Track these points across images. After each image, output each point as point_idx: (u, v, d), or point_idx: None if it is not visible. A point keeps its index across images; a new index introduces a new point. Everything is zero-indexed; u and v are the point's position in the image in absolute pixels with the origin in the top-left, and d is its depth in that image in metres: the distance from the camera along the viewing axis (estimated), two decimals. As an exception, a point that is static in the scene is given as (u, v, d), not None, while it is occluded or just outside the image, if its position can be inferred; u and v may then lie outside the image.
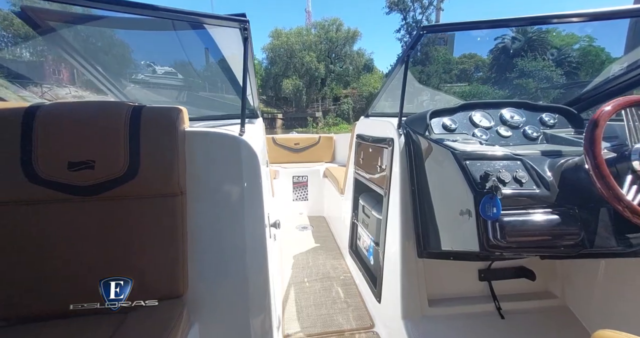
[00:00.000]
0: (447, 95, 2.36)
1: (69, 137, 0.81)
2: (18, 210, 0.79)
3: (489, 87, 23.42)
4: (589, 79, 1.49)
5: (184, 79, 1.89)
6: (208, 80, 1.78)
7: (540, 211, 0.86)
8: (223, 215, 0.96)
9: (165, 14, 0.93)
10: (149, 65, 1.97)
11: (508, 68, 28.42)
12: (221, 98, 1.79)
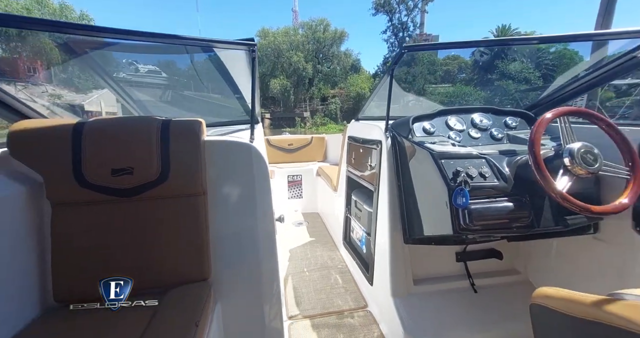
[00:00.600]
0: (428, 101, 2.56)
1: (111, 148, 0.95)
2: (70, 210, 0.93)
3: (472, 88, 24.22)
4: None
5: (194, 91, 2.02)
6: (214, 90, 1.91)
7: (500, 200, 1.07)
8: (238, 210, 1.12)
9: (187, 42, 1.08)
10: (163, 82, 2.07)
11: (489, 70, 29.43)
12: (225, 104, 1.93)
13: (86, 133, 0.94)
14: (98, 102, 22.65)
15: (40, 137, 0.92)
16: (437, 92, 25.80)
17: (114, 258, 0.95)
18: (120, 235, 0.96)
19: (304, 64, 31.45)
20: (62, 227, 0.93)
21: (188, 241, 1.01)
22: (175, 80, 1.91)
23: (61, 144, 0.92)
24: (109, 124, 1.00)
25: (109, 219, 0.96)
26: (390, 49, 36.39)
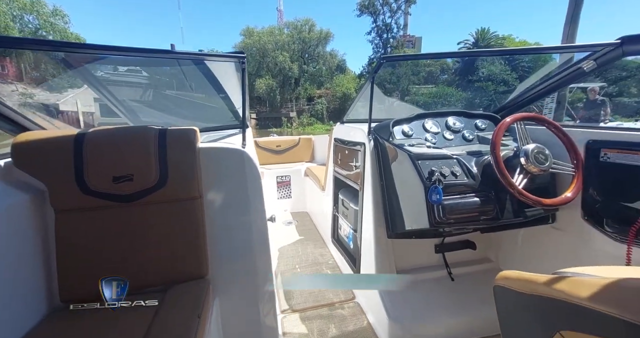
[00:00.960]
0: (411, 102, 2.69)
1: (112, 156, 1.01)
2: (73, 216, 0.98)
3: (454, 89, 24.94)
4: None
5: (183, 96, 2.06)
6: (205, 96, 1.97)
7: (469, 195, 1.21)
8: (232, 212, 1.20)
9: (179, 56, 1.16)
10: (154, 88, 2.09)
11: (470, 71, 30.36)
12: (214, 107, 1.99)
13: (87, 143, 1.00)
14: (74, 101, 21.79)
15: (43, 148, 0.97)
16: (421, 92, 26.39)
17: (116, 260, 1.02)
18: (122, 237, 1.03)
19: (289, 63, 31.40)
20: (66, 232, 0.98)
21: (186, 242, 1.09)
22: (159, 81, 1.95)
23: (63, 154, 0.98)
24: (108, 133, 1.06)
25: (110, 223, 1.02)
26: (375, 50, 36.87)
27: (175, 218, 1.08)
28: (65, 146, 0.98)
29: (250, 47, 31.60)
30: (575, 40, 5.93)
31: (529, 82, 1.62)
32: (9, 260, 0.86)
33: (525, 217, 1.21)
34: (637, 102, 15.92)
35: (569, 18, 5.79)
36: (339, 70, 34.41)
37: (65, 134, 1.01)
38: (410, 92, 29.50)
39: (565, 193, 1.07)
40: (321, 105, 31.15)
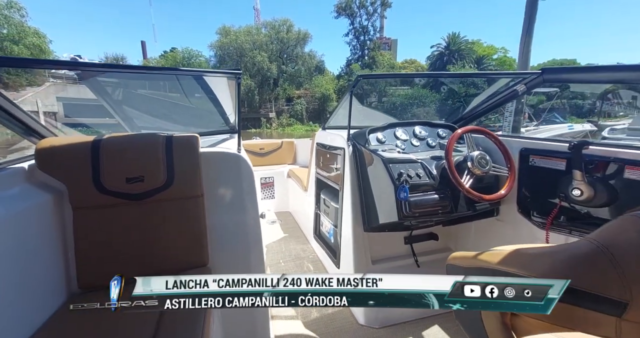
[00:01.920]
0: (382, 113, 2.93)
1: (125, 160, 1.15)
2: (90, 212, 1.11)
3: (428, 91, 26.11)
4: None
5: (179, 104, 2.16)
6: (198, 101, 2.08)
7: (430, 193, 1.46)
8: (229, 208, 1.37)
9: (180, 73, 1.31)
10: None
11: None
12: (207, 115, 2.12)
13: (103, 148, 1.13)
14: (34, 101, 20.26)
15: (63, 153, 1.09)
16: (397, 93, 27.28)
17: (128, 251, 1.15)
18: (133, 231, 1.16)
19: (268, 64, 31.21)
20: (83, 227, 1.11)
21: (189, 234, 1.24)
22: (154, 88, 2.05)
23: (82, 157, 1.10)
24: (121, 140, 1.19)
25: (123, 219, 1.15)
26: (353, 52, 37.57)
27: (180, 214, 1.23)
28: (83, 151, 1.11)
29: (227, 47, 31.09)
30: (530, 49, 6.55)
31: (482, 97, 1.91)
32: (33, 251, 0.98)
33: (474, 210, 1.48)
34: (590, 104, 17.67)
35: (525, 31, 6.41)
36: (318, 71, 34.71)
37: (83, 140, 1.13)
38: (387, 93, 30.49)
39: (500, 191, 1.35)
40: (300, 105, 31.25)
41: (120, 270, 1.12)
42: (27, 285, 0.94)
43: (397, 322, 1.60)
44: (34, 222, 1.00)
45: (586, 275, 0.66)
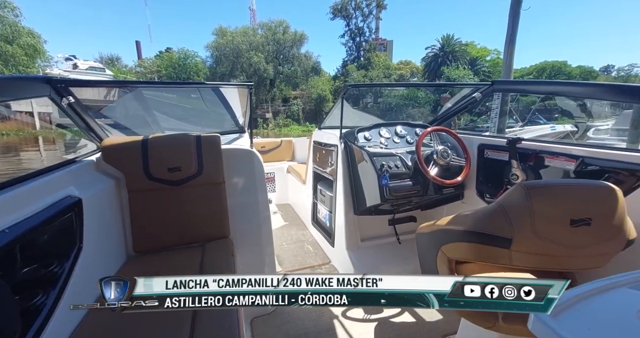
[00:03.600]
0: (371, 116, 3.27)
1: (167, 154, 1.48)
2: (141, 194, 1.44)
3: (423, 91, 26.60)
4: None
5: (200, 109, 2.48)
6: (212, 107, 2.41)
7: (405, 180, 1.81)
8: (245, 192, 1.71)
9: (201, 85, 1.64)
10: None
11: (437, 75, 32.39)
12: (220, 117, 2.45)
13: (150, 145, 1.47)
14: (29, 101, 20.33)
15: (121, 149, 1.43)
16: (393, 94, 27.73)
17: (168, 224, 1.49)
18: (172, 209, 1.50)
19: (264, 64, 31.42)
20: (136, 206, 1.44)
21: (215, 212, 1.58)
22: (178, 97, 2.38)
23: (135, 152, 1.44)
24: (163, 138, 1.53)
25: (165, 199, 1.49)
26: (349, 53, 37.88)
27: (207, 197, 1.57)
28: (135, 147, 1.44)
29: (223, 47, 31.23)
30: (513, 56, 6.98)
31: (452, 101, 2.27)
32: (106, 223, 1.32)
33: (441, 194, 1.84)
34: (580, 105, 18.32)
35: (508, 39, 6.83)
36: (314, 72, 34.98)
37: (134, 139, 1.47)
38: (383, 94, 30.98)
39: (457, 178, 1.71)
40: (297, 106, 31.51)
41: (164, 239, 1.48)
42: (103, 247, 1.27)
43: None
44: (104, 202, 1.34)
45: (489, 224, 1.01)
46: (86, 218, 1.16)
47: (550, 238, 0.93)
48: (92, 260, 1.16)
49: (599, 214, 0.91)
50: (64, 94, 1.26)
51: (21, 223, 0.87)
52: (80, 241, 1.11)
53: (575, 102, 19.23)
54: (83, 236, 1.12)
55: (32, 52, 23.52)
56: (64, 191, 1.13)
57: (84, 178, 1.30)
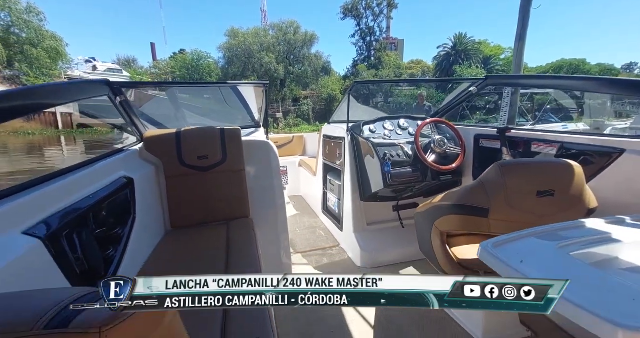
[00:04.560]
0: (377, 111, 3.46)
1: (197, 144, 1.73)
2: (176, 179, 1.69)
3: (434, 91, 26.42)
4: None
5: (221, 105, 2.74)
6: (231, 104, 2.66)
7: (406, 168, 2.01)
8: (262, 177, 1.94)
9: (222, 84, 1.89)
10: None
11: (449, 74, 31.97)
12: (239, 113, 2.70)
13: (182, 136, 1.72)
14: (53, 102, 21.24)
15: (159, 140, 1.68)
16: (404, 94, 27.59)
17: (198, 204, 1.73)
18: (201, 191, 1.74)
19: (275, 65, 31.80)
20: (172, 188, 1.69)
21: (237, 194, 1.81)
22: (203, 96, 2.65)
23: (170, 143, 1.69)
24: (194, 131, 1.78)
25: (195, 183, 1.74)
26: (359, 52, 37.88)
27: (230, 181, 1.81)
28: (171, 138, 1.70)
29: (235, 48, 31.81)
30: (523, 54, 7.01)
31: (450, 97, 2.44)
32: (149, 203, 1.57)
33: (439, 180, 2.02)
34: (599, 104, 17.82)
35: (518, 36, 6.89)
36: (324, 72, 35.16)
37: (169, 131, 1.72)
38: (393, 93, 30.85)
39: (451, 165, 1.89)
40: (307, 106, 31.76)
41: (195, 217, 1.74)
42: (149, 221, 1.53)
43: (385, 265, 2.15)
44: (147, 184, 1.59)
45: (471, 197, 1.21)
46: (137, 194, 1.41)
47: (521, 208, 1.11)
48: (142, 229, 1.41)
49: (561, 187, 1.09)
50: (117, 94, 1.52)
51: (98, 192, 1.13)
52: (134, 212, 1.37)
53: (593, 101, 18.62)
54: (136, 209, 1.37)
55: (54, 55, 24.69)
56: (119, 173, 1.39)
57: (131, 164, 1.56)
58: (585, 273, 0.62)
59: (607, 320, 0.46)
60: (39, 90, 1.03)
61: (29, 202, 0.82)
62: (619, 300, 0.53)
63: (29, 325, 0.31)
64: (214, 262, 1.31)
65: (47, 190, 0.91)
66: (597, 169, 1.30)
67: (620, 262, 0.70)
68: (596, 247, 0.73)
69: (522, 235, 0.80)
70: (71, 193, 1.02)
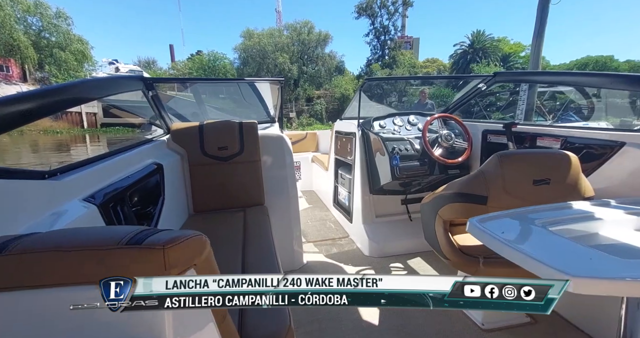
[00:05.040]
0: (387, 107, 3.54)
1: (217, 136, 1.88)
2: (199, 167, 1.85)
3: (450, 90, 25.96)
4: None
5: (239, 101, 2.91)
6: (249, 100, 2.82)
7: (414, 161, 2.09)
8: (276, 168, 2.06)
9: (240, 81, 2.03)
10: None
11: (466, 72, 31.25)
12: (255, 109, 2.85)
13: (205, 129, 1.87)
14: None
15: (184, 132, 1.84)
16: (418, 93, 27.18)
17: (217, 191, 1.88)
18: (221, 179, 1.89)
19: (289, 65, 32.11)
20: (195, 176, 1.85)
21: (253, 183, 1.95)
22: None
23: (194, 135, 1.85)
24: (215, 124, 1.93)
25: (216, 171, 1.89)
26: (373, 52, 37.64)
27: (247, 171, 1.95)
28: (194, 131, 1.86)
29: (250, 49, 32.35)
30: (541, 50, 6.86)
31: (459, 94, 2.49)
32: (174, 188, 1.73)
33: (446, 174, 2.09)
34: (630, 103, 16.96)
35: (536, 33, 6.74)
36: (338, 72, 35.17)
37: (193, 124, 1.88)
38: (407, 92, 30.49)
39: (459, 158, 1.96)
40: (320, 105, 31.88)
41: (215, 203, 1.88)
42: (175, 204, 1.69)
43: (392, 255, 2.24)
44: (174, 171, 1.75)
45: (471, 186, 1.29)
46: (165, 179, 1.57)
47: (518, 196, 1.19)
48: (170, 210, 1.57)
49: (556, 175, 1.15)
50: (149, 88, 1.68)
51: (135, 174, 1.28)
52: (163, 194, 1.52)
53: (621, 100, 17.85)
54: (165, 191, 1.53)
55: (80, 58, 25.93)
56: (150, 159, 1.55)
57: (160, 152, 1.72)
58: (558, 243, 0.70)
59: (561, 271, 0.55)
60: (84, 84, 1.20)
61: (84, 176, 0.98)
62: (579, 260, 0.61)
63: (116, 242, 0.44)
64: (232, 244, 1.43)
65: (96, 168, 1.07)
66: (598, 161, 1.35)
67: (596, 237, 0.78)
68: (575, 224, 0.80)
69: (507, 213, 0.88)
70: (113, 173, 1.18)
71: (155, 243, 0.45)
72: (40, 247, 0.45)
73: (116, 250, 0.44)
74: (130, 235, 0.46)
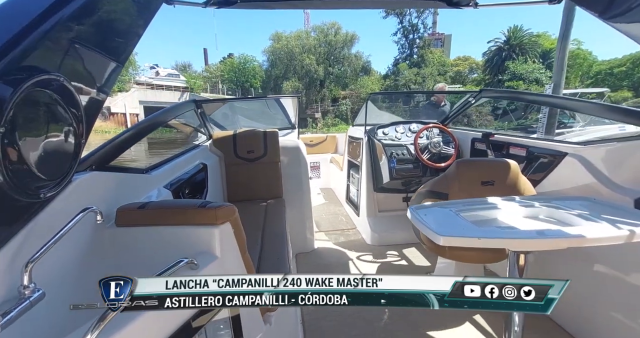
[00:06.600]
0: (393, 115, 3.90)
1: (247, 142, 2.38)
2: (232, 167, 2.37)
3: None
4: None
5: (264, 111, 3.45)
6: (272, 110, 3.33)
7: (408, 164, 2.45)
8: (292, 167, 2.53)
9: (271, 98, 2.51)
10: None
11: (500, 70, 29.67)
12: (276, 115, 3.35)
13: (237, 136, 2.38)
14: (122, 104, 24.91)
15: (222, 139, 2.37)
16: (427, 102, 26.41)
17: (245, 185, 2.38)
18: (248, 176, 2.39)
19: (315, 66, 32.68)
20: (229, 173, 2.37)
21: (273, 180, 2.43)
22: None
23: (229, 140, 2.37)
24: (245, 132, 2.44)
25: (245, 170, 2.39)
26: (401, 51, 37.09)
27: (268, 170, 2.43)
28: (229, 137, 2.38)
29: (278, 51, 33.36)
30: (567, 52, 6.80)
31: (457, 105, 2.80)
32: (215, 183, 2.25)
33: (437, 175, 2.42)
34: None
35: (561, 35, 6.69)
36: (364, 72, 35.17)
37: (229, 133, 2.40)
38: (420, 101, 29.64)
39: (446, 162, 2.30)
40: (345, 106, 32.10)
41: (244, 195, 2.40)
42: (215, 195, 2.21)
43: (390, 244, 2.62)
44: (214, 170, 2.28)
45: (438, 185, 1.66)
46: (209, 175, 2.10)
47: (470, 194, 1.54)
48: (211, 199, 2.10)
49: (500, 178, 1.49)
50: (198, 107, 2.23)
51: (190, 170, 1.81)
52: (207, 187, 2.05)
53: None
54: (208, 184, 2.06)
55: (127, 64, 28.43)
56: (198, 160, 2.08)
57: (204, 155, 2.26)
58: (454, 220, 1.07)
59: (437, 233, 0.94)
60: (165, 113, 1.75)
61: (163, 172, 1.51)
62: (454, 228, 0.98)
63: (195, 206, 0.92)
64: (255, 226, 1.92)
65: (169, 166, 1.61)
66: (550, 168, 1.65)
67: (490, 220, 1.13)
68: (482, 211, 1.16)
69: (437, 203, 1.26)
70: (177, 170, 1.71)
71: (211, 207, 0.91)
72: (159, 206, 0.94)
73: (194, 209, 0.91)
74: (198, 203, 0.93)
